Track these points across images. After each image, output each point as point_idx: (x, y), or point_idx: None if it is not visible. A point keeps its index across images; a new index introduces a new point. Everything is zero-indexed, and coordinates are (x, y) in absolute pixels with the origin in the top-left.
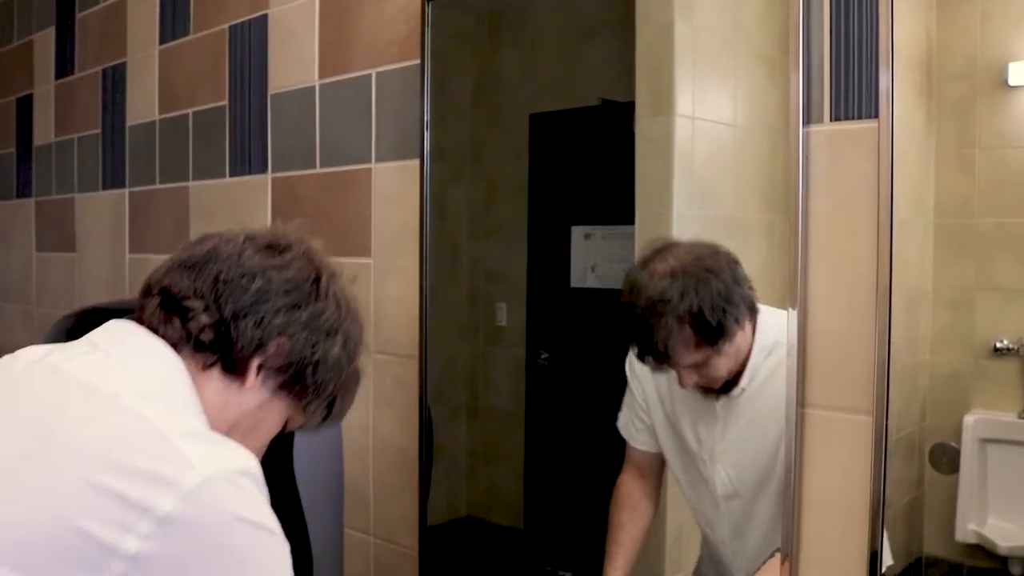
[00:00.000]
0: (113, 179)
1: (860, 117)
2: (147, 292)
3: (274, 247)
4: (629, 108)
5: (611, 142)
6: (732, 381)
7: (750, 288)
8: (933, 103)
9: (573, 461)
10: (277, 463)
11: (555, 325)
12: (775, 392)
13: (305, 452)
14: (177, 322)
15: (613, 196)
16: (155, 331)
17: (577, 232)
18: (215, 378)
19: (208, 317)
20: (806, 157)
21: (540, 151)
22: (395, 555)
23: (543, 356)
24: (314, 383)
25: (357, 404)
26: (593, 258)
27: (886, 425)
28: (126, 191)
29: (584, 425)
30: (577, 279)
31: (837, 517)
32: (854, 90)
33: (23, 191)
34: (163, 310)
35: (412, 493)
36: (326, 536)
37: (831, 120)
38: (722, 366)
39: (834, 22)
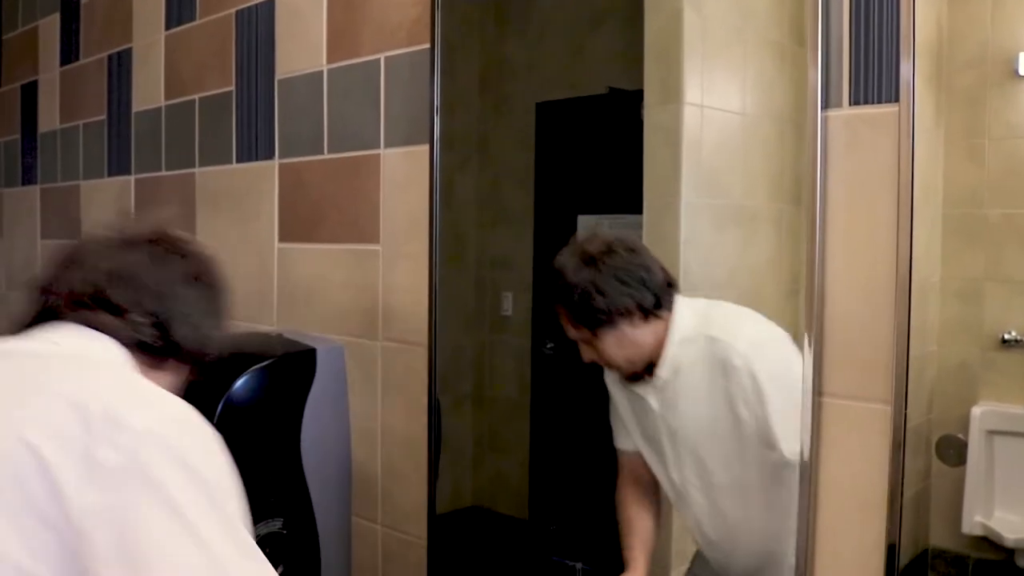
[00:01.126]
0: (119, 166)
1: (880, 101)
2: (78, 302)
3: (170, 247)
4: (637, 96)
5: (618, 131)
6: (650, 369)
7: (654, 290)
8: (943, 92)
9: (578, 451)
10: (284, 451)
11: None
12: (701, 383)
13: (312, 440)
14: (119, 323)
15: (620, 185)
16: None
17: (584, 221)
18: (151, 372)
19: (146, 318)
20: (824, 142)
21: (547, 140)
22: (403, 544)
23: (549, 346)
24: (209, 353)
25: (365, 392)
26: None
27: (905, 414)
28: (132, 178)
29: (589, 415)
30: None
31: (853, 507)
32: (874, 73)
33: (28, 178)
34: (105, 312)
35: (420, 481)
36: (333, 524)
37: (850, 104)
38: (610, 351)
39: (853, 3)
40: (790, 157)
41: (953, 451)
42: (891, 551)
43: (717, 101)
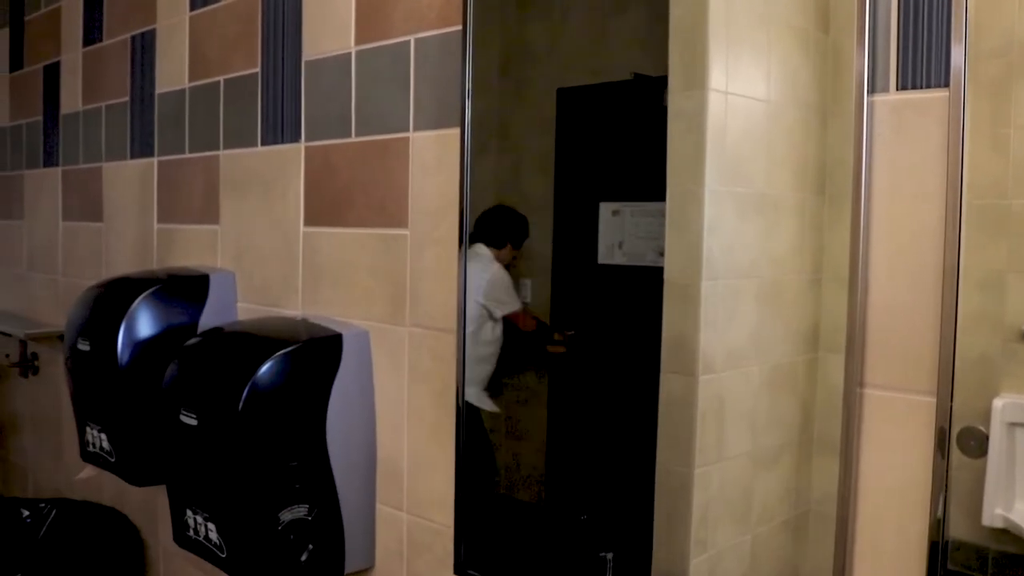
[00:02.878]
0: (141, 148)
1: (929, 86)
2: None
3: None
4: (661, 83)
5: (642, 117)
6: None
7: None
8: (968, 80)
9: (596, 440)
10: (309, 437)
11: (580, 302)
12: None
13: (337, 426)
14: None
15: (642, 172)
16: None
17: (605, 208)
18: None
19: None
20: (869, 127)
21: (568, 126)
22: (429, 532)
23: (569, 332)
24: None
25: (391, 378)
26: (620, 235)
27: (951, 407)
28: (155, 160)
29: (608, 404)
30: (604, 256)
31: (895, 502)
32: (923, 57)
33: (50, 160)
34: None
35: (447, 468)
36: (358, 511)
37: (897, 89)
38: None
39: None
40: (814, 146)
41: (974, 443)
42: (934, 548)
43: (741, 88)
